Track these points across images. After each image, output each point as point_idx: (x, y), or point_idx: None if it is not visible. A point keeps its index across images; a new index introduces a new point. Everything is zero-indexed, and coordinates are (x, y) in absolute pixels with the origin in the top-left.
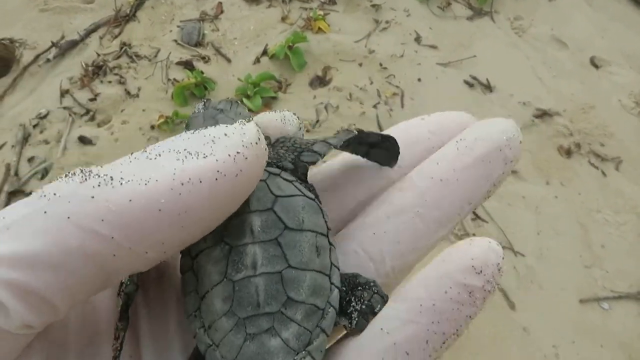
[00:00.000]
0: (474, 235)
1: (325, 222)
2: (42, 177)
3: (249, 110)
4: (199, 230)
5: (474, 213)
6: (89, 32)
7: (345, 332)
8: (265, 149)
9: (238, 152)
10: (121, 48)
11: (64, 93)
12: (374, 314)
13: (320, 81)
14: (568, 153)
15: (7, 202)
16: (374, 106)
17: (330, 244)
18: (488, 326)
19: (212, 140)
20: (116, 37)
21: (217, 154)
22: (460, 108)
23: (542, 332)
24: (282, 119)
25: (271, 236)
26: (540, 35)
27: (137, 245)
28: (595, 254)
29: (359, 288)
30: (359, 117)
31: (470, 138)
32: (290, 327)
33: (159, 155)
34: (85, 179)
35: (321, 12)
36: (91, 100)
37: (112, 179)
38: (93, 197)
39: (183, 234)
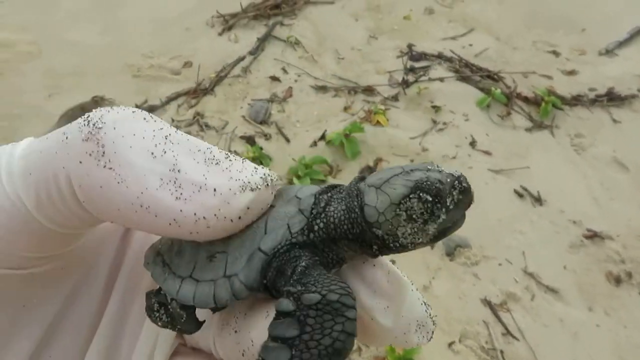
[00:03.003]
0: (501, 352)
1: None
2: None
3: None
4: None
5: (505, 328)
6: (170, 100)
7: None
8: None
9: (215, 215)
10: (194, 117)
11: None
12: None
13: (371, 171)
14: (617, 281)
15: None
16: None
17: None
18: None
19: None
20: (192, 107)
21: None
22: (506, 217)
23: None
24: None
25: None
26: (600, 156)
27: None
28: None
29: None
30: None
31: None
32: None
33: (176, 159)
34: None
35: (382, 107)
36: None
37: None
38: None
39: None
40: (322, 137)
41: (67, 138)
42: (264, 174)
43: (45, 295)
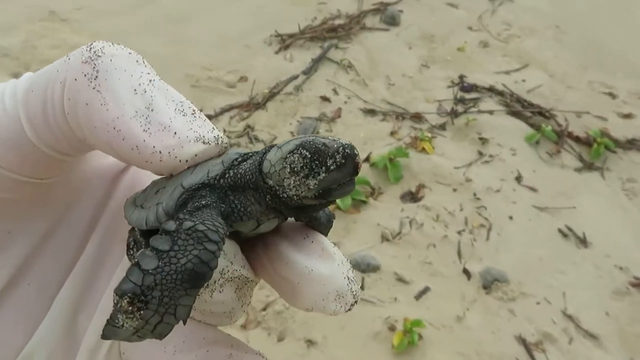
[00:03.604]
0: None
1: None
2: None
3: (337, 208)
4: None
5: None
6: (223, 111)
7: None
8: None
9: (169, 153)
10: (245, 129)
11: None
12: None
13: (412, 197)
14: None
15: None
16: (459, 232)
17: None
18: None
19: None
20: (244, 119)
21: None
22: (548, 256)
23: None
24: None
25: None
26: None
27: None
28: None
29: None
30: (440, 239)
31: None
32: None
33: (152, 100)
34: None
35: (429, 134)
36: None
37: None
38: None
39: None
40: (367, 159)
41: (69, 59)
42: (218, 135)
43: (26, 225)
